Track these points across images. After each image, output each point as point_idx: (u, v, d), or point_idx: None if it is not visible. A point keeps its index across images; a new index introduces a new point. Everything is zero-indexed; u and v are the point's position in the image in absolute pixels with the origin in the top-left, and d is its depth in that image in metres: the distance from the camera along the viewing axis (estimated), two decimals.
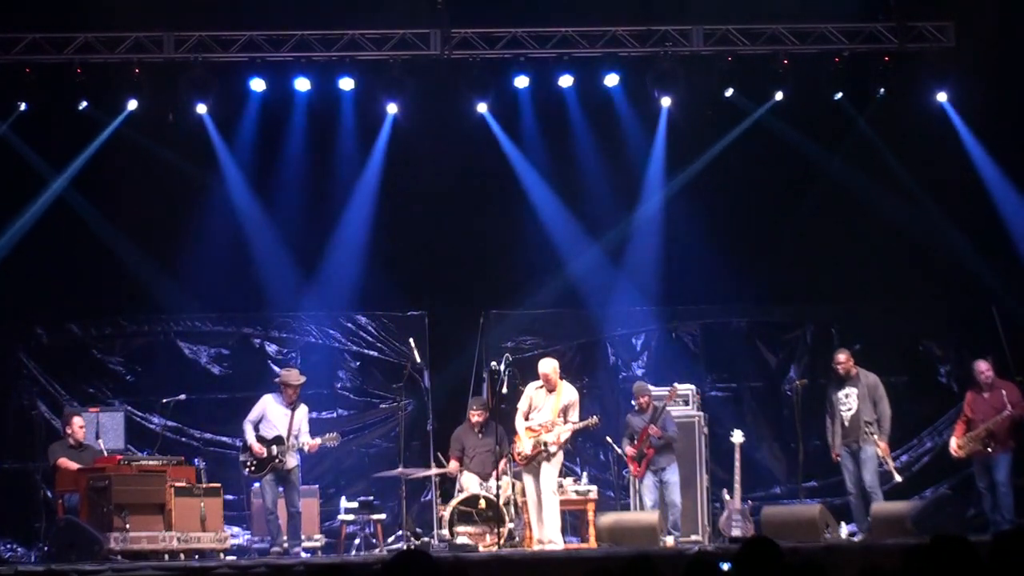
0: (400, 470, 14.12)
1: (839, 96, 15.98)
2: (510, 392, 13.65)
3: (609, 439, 15.07)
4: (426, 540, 14.21)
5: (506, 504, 13.65)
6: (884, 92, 15.87)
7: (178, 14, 15.29)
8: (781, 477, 16.35)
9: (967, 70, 15.66)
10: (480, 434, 14.45)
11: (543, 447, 13.22)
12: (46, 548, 13.89)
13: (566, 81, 15.92)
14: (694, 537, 14.58)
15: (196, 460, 14.88)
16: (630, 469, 14.62)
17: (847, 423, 14.25)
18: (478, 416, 14.49)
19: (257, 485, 14.40)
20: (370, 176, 16.46)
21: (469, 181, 16.44)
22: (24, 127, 15.59)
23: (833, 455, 14.40)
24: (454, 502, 13.81)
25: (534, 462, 13.30)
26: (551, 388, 13.44)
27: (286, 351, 16.51)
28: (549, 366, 13.51)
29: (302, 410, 14.15)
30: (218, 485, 13.90)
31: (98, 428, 14.59)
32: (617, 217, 16.72)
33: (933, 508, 13.57)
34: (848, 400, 14.27)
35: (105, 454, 14.18)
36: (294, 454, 13.95)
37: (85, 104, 15.43)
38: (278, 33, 15.48)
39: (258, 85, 15.66)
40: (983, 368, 14.29)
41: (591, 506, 14.44)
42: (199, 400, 15.88)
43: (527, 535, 13.83)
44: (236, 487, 15.13)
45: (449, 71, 15.68)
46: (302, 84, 15.70)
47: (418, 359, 15.21)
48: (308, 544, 14.26)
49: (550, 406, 13.36)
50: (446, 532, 13.66)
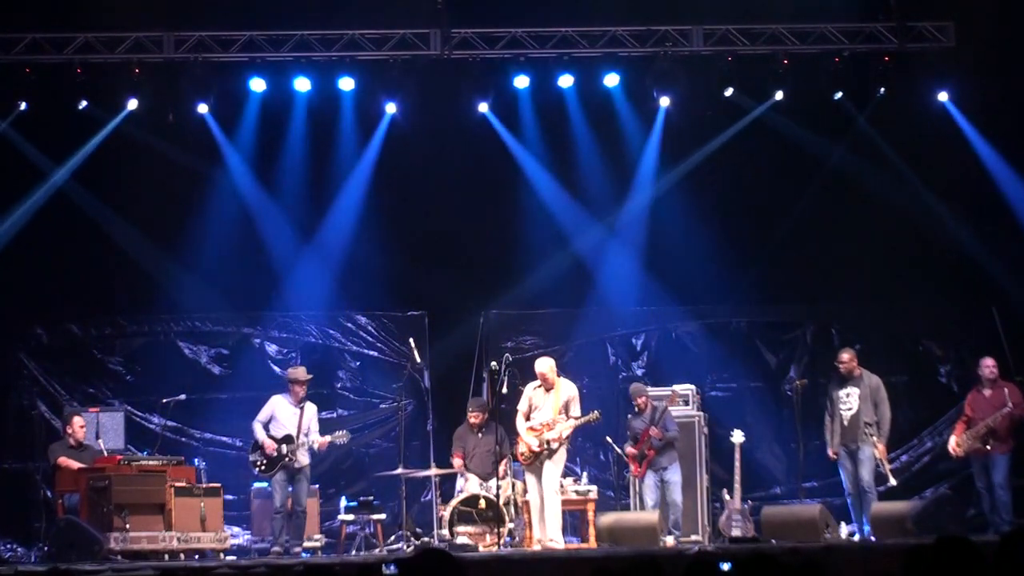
0: (400, 470, 14.12)
1: (839, 96, 15.98)
2: (510, 392, 13.66)
3: (609, 439, 15.08)
4: (426, 540, 14.22)
5: (506, 504, 13.66)
6: (884, 92, 15.88)
7: (178, 14, 15.29)
8: (781, 477, 16.35)
9: (967, 70, 15.67)
10: (480, 434, 14.46)
11: (546, 445, 13.22)
12: (46, 548, 13.89)
13: (566, 81, 15.91)
14: (694, 537, 14.58)
15: (196, 460, 14.89)
16: (631, 469, 14.62)
17: (847, 423, 14.24)
18: (475, 418, 14.49)
19: (259, 485, 14.40)
20: (370, 176, 16.46)
21: (469, 181, 16.43)
22: (24, 126, 15.59)
23: (830, 452, 14.38)
24: (454, 502, 13.81)
25: (537, 461, 13.30)
26: (549, 387, 13.45)
27: (286, 351, 16.51)
28: (546, 365, 13.51)
29: (311, 408, 14.17)
30: (218, 485, 13.91)
31: (98, 428, 14.59)
32: (617, 217, 16.73)
33: (933, 508, 13.57)
34: (849, 400, 14.26)
35: (105, 454, 14.17)
36: (305, 452, 13.97)
37: (85, 104, 15.43)
38: (278, 33, 15.48)
39: (258, 85, 15.66)
40: (989, 364, 14.30)
41: (591, 506, 14.44)
42: (199, 400, 15.88)
43: (527, 535, 13.83)
44: (236, 487, 15.14)
45: (449, 71, 15.67)
46: (302, 84, 15.70)
47: (418, 359, 15.22)
48: (308, 544, 14.26)
49: (550, 404, 13.37)
50: (446, 532, 13.66)
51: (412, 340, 15.18)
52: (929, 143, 16.11)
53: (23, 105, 15.36)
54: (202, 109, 15.65)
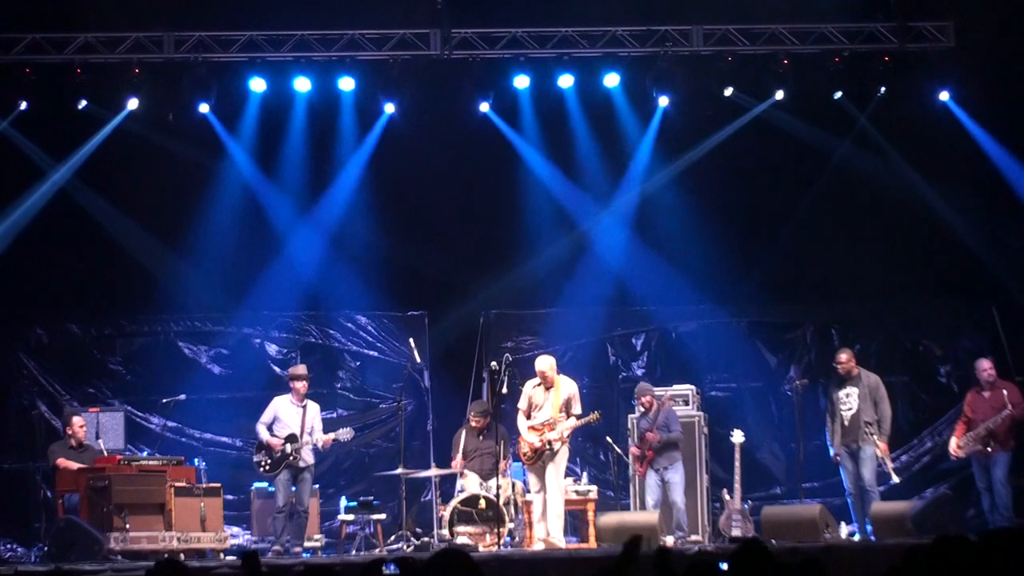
0: (400, 470, 14.12)
1: (839, 96, 15.97)
2: (510, 392, 13.66)
3: (609, 439, 15.09)
4: (426, 540, 14.22)
5: (506, 504, 13.66)
6: (884, 92, 15.88)
7: (178, 14, 15.29)
8: (781, 477, 16.35)
9: (967, 70, 15.66)
10: (481, 436, 14.45)
11: (547, 445, 13.22)
12: (46, 548, 13.88)
13: (566, 81, 15.91)
14: (694, 537, 14.56)
15: (196, 460, 14.87)
16: (635, 468, 14.61)
17: (847, 423, 14.23)
18: (477, 422, 14.46)
19: (259, 485, 14.39)
20: (370, 176, 16.47)
21: (469, 181, 16.44)
22: (25, 126, 15.59)
23: (832, 455, 14.39)
24: (454, 502, 13.80)
25: (539, 461, 13.30)
26: (549, 385, 13.45)
27: (286, 351, 16.51)
28: (546, 363, 13.51)
29: (313, 407, 14.17)
30: (218, 485, 13.90)
31: (98, 428, 14.59)
32: (618, 217, 16.72)
33: (933, 508, 13.56)
34: (848, 400, 14.25)
35: (105, 454, 14.17)
36: (310, 451, 13.97)
37: (85, 104, 15.43)
38: (278, 33, 15.48)
39: (258, 85, 15.65)
40: (985, 366, 14.28)
41: (591, 506, 14.44)
42: (199, 400, 15.86)
43: (527, 535, 13.83)
44: (236, 487, 15.15)
45: (449, 71, 15.67)
46: (302, 84, 15.69)
47: (418, 359, 15.22)
48: (308, 544, 14.26)
49: (550, 403, 13.37)
50: (446, 532, 13.65)
51: (412, 340, 15.19)
52: (929, 143, 16.11)
53: (23, 105, 15.37)
54: (204, 109, 15.65)
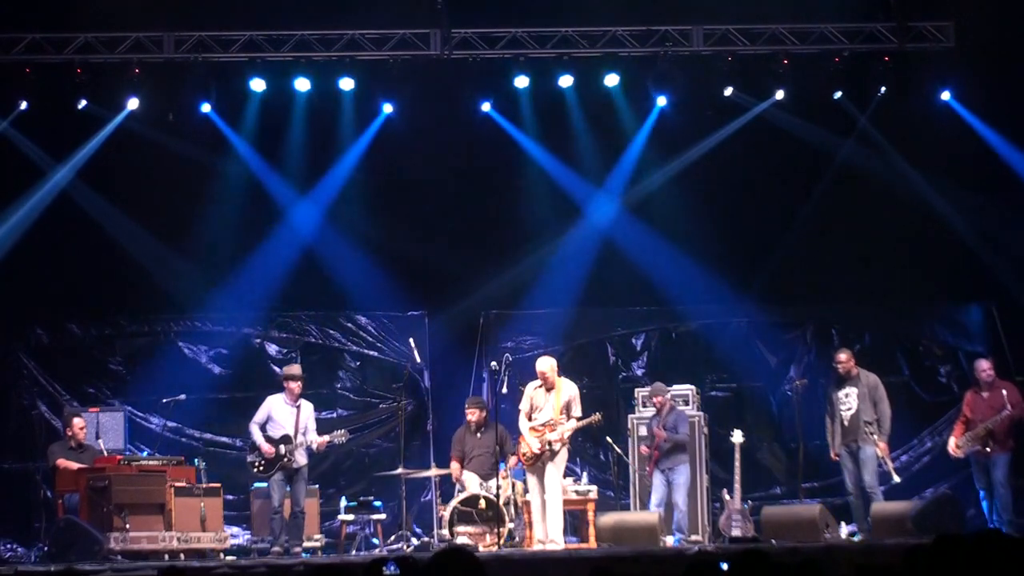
0: (400, 470, 14.12)
1: (839, 96, 15.97)
2: (510, 392, 13.66)
3: (609, 439, 15.09)
4: (426, 540, 14.22)
5: (506, 504, 13.66)
6: (884, 92, 15.87)
7: (178, 14, 15.29)
8: (781, 477, 16.35)
9: (967, 70, 15.66)
10: (479, 434, 14.45)
11: (548, 446, 13.22)
12: (46, 548, 13.88)
13: (566, 81, 15.91)
14: (694, 537, 14.56)
15: (196, 460, 14.86)
16: (645, 468, 14.61)
17: (847, 423, 14.23)
18: (472, 415, 14.48)
19: (259, 485, 14.38)
20: (371, 176, 16.47)
21: (469, 181, 16.44)
22: (25, 126, 15.59)
23: (832, 454, 14.39)
24: (454, 502, 13.81)
25: (539, 462, 13.30)
26: (550, 387, 13.44)
27: (286, 351, 16.51)
28: (547, 364, 13.49)
29: (307, 407, 14.15)
30: (218, 485, 13.92)
31: (98, 428, 14.60)
32: (617, 217, 16.72)
33: (933, 508, 13.56)
34: (848, 400, 14.25)
35: (105, 454, 14.18)
36: (303, 452, 13.96)
37: (85, 104, 15.43)
38: (278, 33, 15.48)
39: (258, 85, 15.65)
40: (984, 367, 14.28)
41: (591, 506, 14.42)
42: (199, 400, 15.87)
43: (527, 535, 13.83)
44: (236, 487, 15.14)
45: (449, 71, 15.67)
46: (302, 84, 15.69)
47: (418, 359, 15.23)
48: (308, 544, 14.26)
49: (551, 404, 13.36)
50: (446, 532, 13.66)
51: (412, 340, 15.19)
52: (930, 143, 16.11)
53: (23, 105, 15.37)
54: (206, 108, 15.65)
